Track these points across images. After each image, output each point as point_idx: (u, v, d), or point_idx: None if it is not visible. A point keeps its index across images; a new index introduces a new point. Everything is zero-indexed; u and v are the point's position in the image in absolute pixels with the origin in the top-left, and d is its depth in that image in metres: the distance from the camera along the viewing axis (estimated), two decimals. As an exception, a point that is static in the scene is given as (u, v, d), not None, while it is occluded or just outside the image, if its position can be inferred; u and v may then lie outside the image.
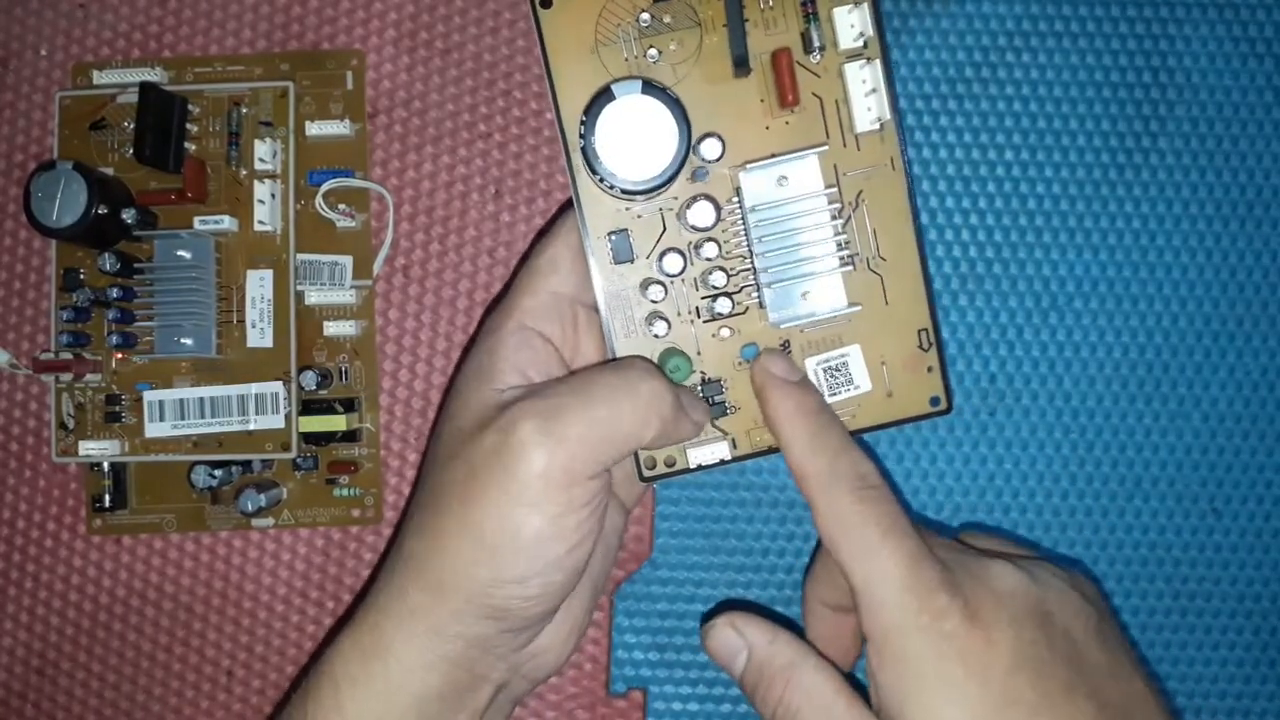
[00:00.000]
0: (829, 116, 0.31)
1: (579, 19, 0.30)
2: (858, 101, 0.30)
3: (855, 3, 0.30)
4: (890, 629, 0.27)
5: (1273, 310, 0.38)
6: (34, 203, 0.33)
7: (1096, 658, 0.28)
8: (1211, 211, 0.38)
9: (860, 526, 0.28)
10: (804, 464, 0.29)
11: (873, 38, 0.30)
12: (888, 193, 0.31)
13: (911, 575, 0.27)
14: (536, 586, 0.28)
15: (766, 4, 0.30)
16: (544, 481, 0.27)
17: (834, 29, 0.30)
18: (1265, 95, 0.38)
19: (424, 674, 0.28)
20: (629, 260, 0.31)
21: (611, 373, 0.29)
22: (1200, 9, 0.38)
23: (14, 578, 0.38)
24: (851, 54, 0.30)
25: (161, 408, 0.36)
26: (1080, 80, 0.38)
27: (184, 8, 0.38)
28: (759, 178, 0.30)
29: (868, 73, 0.30)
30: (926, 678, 0.27)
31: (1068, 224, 0.38)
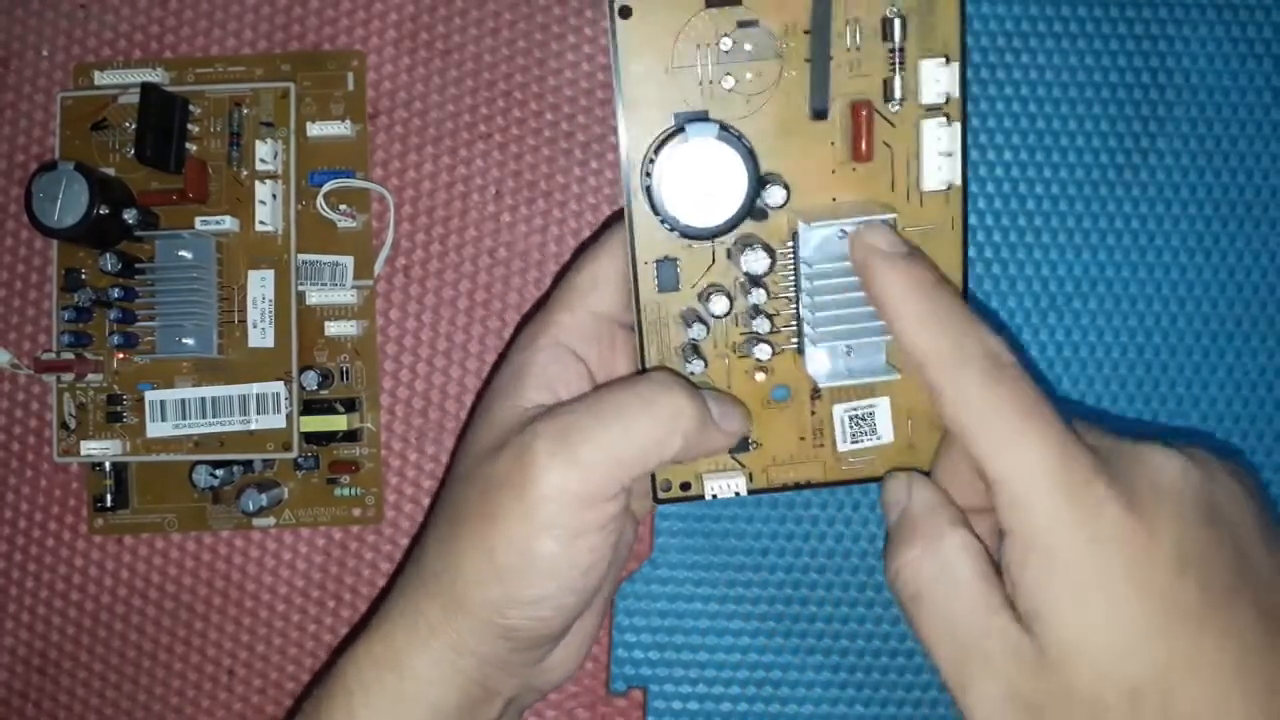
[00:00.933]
0: (897, 169, 0.30)
1: (659, 34, 0.29)
2: (929, 160, 0.29)
3: (946, 59, 0.29)
4: (1038, 524, 0.24)
5: (1272, 310, 0.38)
6: (35, 203, 0.33)
7: (1261, 558, 0.25)
8: (1211, 211, 0.38)
9: (996, 411, 0.25)
10: (924, 345, 0.26)
11: (956, 99, 0.29)
12: (943, 252, 0.30)
13: (1061, 463, 0.24)
14: (550, 608, 0.28)
15: (854, 44, 0.29)
16: (557, 505, 0.26)
17: (918, 80, 0.29)
18: (1265, 95, 0.38)
19: (438, 688, 0.28)
20: (674, 289, 0.30)
21: (627, 388, 0.28)
22: (1200, 9, 0.38)
23: (15, 577, 0.38)
24: (931, 109, 0.29)
25: (163, 407, 0.36)
26: (1080, 80, 0.38)
27: (185, 8, 0.38)
28: (820, 232, 0.29)
29: (945, 133, 0.29)
30: (1080, 579, 0.24)
31: (1067, 224, 0.38)
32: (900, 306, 0.27)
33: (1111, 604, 0.24)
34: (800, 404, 0.31)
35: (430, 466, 0.38)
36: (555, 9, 0.38)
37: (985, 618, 0.25)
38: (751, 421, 0.31)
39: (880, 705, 0.37)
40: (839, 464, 0.31)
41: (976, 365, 0.26)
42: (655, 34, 0.29)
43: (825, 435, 0.31)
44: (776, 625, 0.38)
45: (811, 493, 0.38)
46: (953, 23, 0.29)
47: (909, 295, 0.27)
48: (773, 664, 0.38)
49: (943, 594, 0.26)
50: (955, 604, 0.26)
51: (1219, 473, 0.26)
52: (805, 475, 0.31)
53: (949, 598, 0.26)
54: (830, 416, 0.31)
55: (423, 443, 0.38)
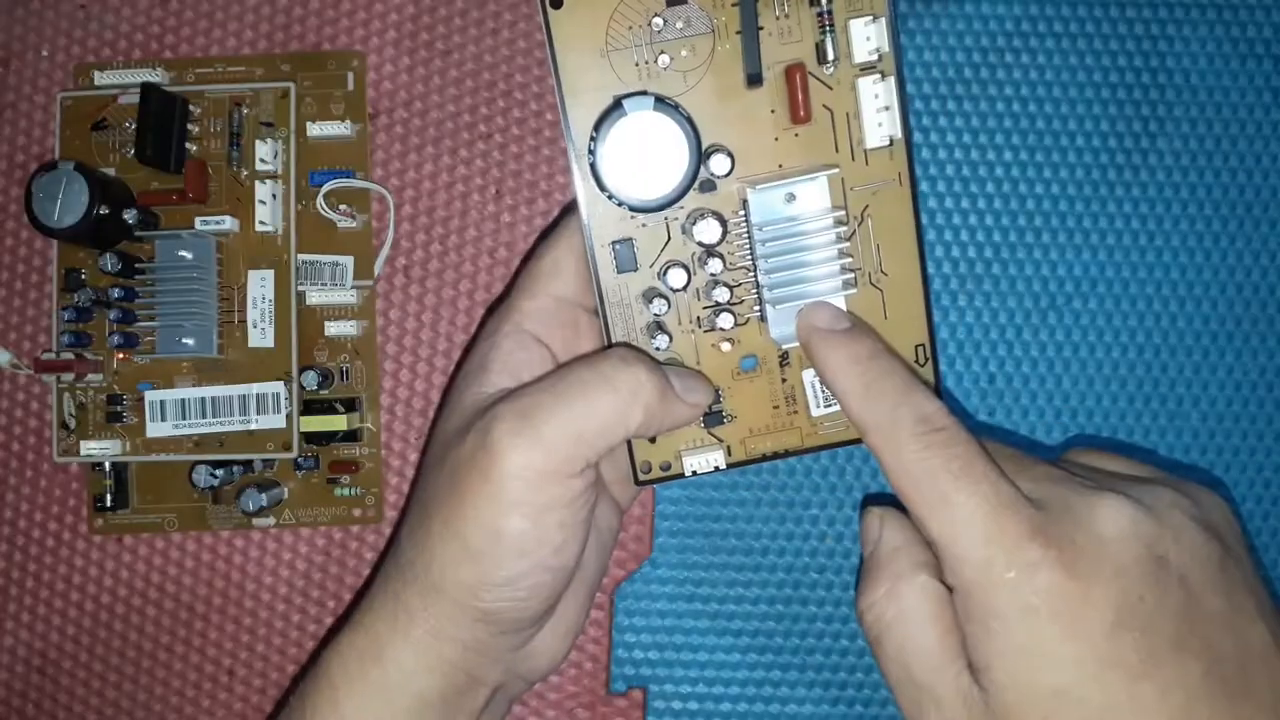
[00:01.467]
0: (839, 130, 0.30)
1: (590, 21, 0.29)
2: (869, 117, 0.30)
3: (873, 16, 0.29)
4: (975, 584, 0.25)
5: (1272, 310, 0.38)
6: (35, 203, 0.33)
7: (1212, 605, 0.25)
8: (1211, 211, 0.38)
9: (929, 475, 0.26)
10: (862, 416, 0.28)
11: (888, 53, 0.29)
12: (893, 208, 0.30)
13: (993, 524, 0.25)
14: (524, 589, 0.28)
15: (782, 12, 0.30)
16: (521, 482, 0.27)
17: (849, 41, 0.29)
18: (1265, 96, 0.38)
19: (421, 676, 0.28)
20: (632, 269, 0.30)
21: (586, 365, 0.28)
22: (1200, 9, 0.38)
23: (15, 577, 0.38)
24: (866, 67, 0.30)
25: (163, 407, 0.36)
26: (1080, 80, 0.38)
27: (185, 8, 0.38)
28: (767, 196, 0.30)
29: (881, 89, 0.30)
30: (1017, 637, 0.24)
31: (1067, 224, 0.38)
32: (840, 380, 0.28)
33: (1050, 663, 0.24)
34: (770, 372, 0.31)
35: (430, 466, 0.38)
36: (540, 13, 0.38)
37: (939, 663, 0.26)
38: (717, 393, 0.31)
39: (880, 705, 0.37)
40: (815, 429, 0.32)
41: (909, 430, 0.26)
42: (588, 20, 0.29)
43: (798, 401, 0.31)
44: (776, 625, 0.38)
45: (811, 492, 0.38)
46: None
47: (848, 369, 0.28)
48: (773, 664, 0.38)
49: (902, 636, 0.27)
50: (913, 647, 0.27)
51: (1175, 518, 0.26)
52: (783, 444, 0.32)
53: (908, 641, 0.27)
54: (801, 382, 0.31)
55: (423, 442, 0.38)
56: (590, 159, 0.29)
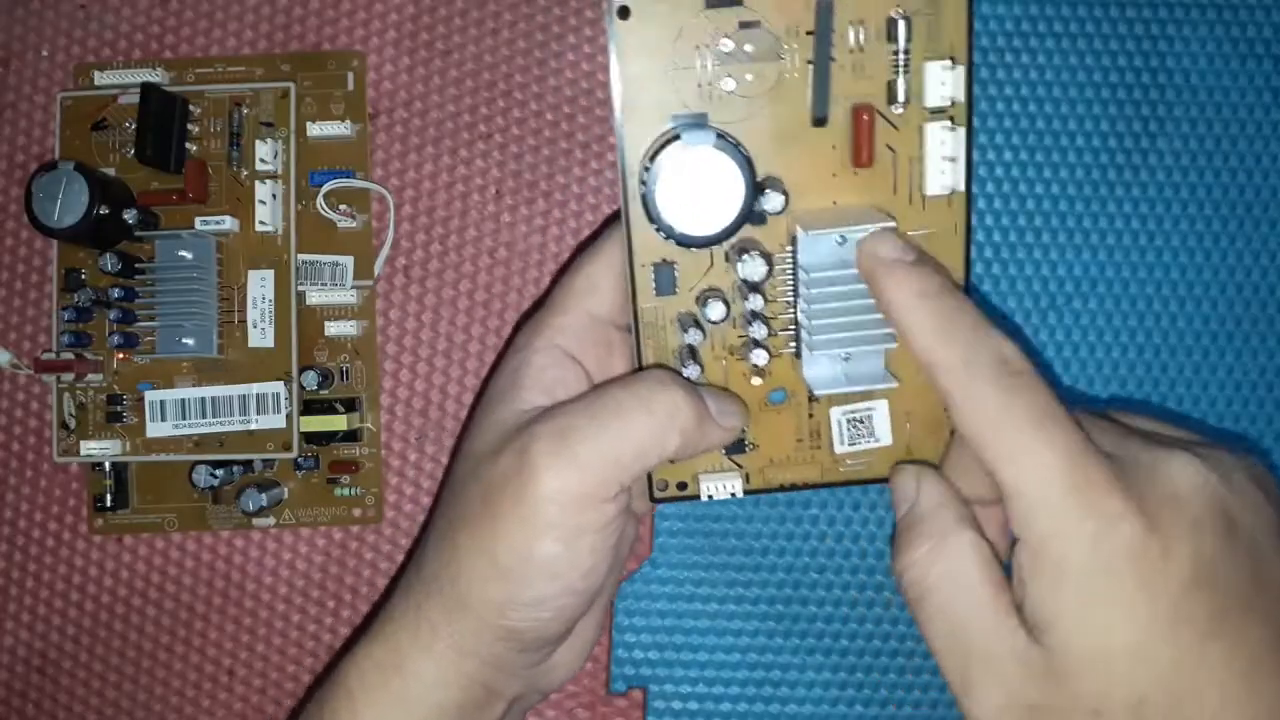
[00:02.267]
0: (900, 173, 0.29)
1: (657, 36, 0.28)
2: (932, 164, 0.28)
3: (951, 61, 0.28)
4: (1050, 535, 0.24)
5: (1272, 310, 0.38)
6: (35, 203, 0.33)
7: (1276, 567, 0.25)
8: (1211, 211, 0.38)
9: (1008, 419, 0.25)
10: (934, 353, 0.26)
11: (961, 103, 0.28)
12: (944, 258, 0.29)
13: (1075, 473, 0.24)
14: (551, 610, 0.27)
15: (858, 45, 0.28)
16: (557, 506, 0.26)
17: (922, 83, 0.28)
18: (1265, 96, 0.38)
19: (441, 690, 0.28)
20: (671, 294, 0.30)
21: (623, 387, 0.28)
22: (1200, 9, 0.38)
23: (15, 577, 0.38)
24: (935, 112, 0.28)
25: (163, 407, 0.36)
26: (1080, 80, 0.38)
27: (185, 8, 0.38)
28: (818, 240, 0.28)
29: (949, 137, 0.28)
30: (1091, 591, 0.24)
31: (1067, 224, 0.38)
32: (909, 315, 0.27)
33: (1122, 619, 0.24)
34: (798, 406, 0.31)
35: (430, 466, 0.38)
36: (555, 9, 0.38)
37: (992, 622, 0.25)
38: (749, 418, 0.31)
39: (880, 705, 0.37)
40: (836, 466, 0.31)
41: (988, 372, 0.25)
42: (654, 35, 0.28)
43: (823, 437, 0.31)
44: (776, 625, 0.38)
45: (811, 493, 0.38)
46: (960, 25, 0.28)
47: (917, 303, 0.27)
48: (773, 664, 0.38)
49: (949, 596, 0.26)
50: (961, 607, 0.26)
51: (1239, 480, 0.25)
52: (802, 476, 0.31)
53: (955, 600, 0.26)
54: (828, 419, 0.31)
55: (423, 443, 0.38)
56: (642, 188, 0.28)
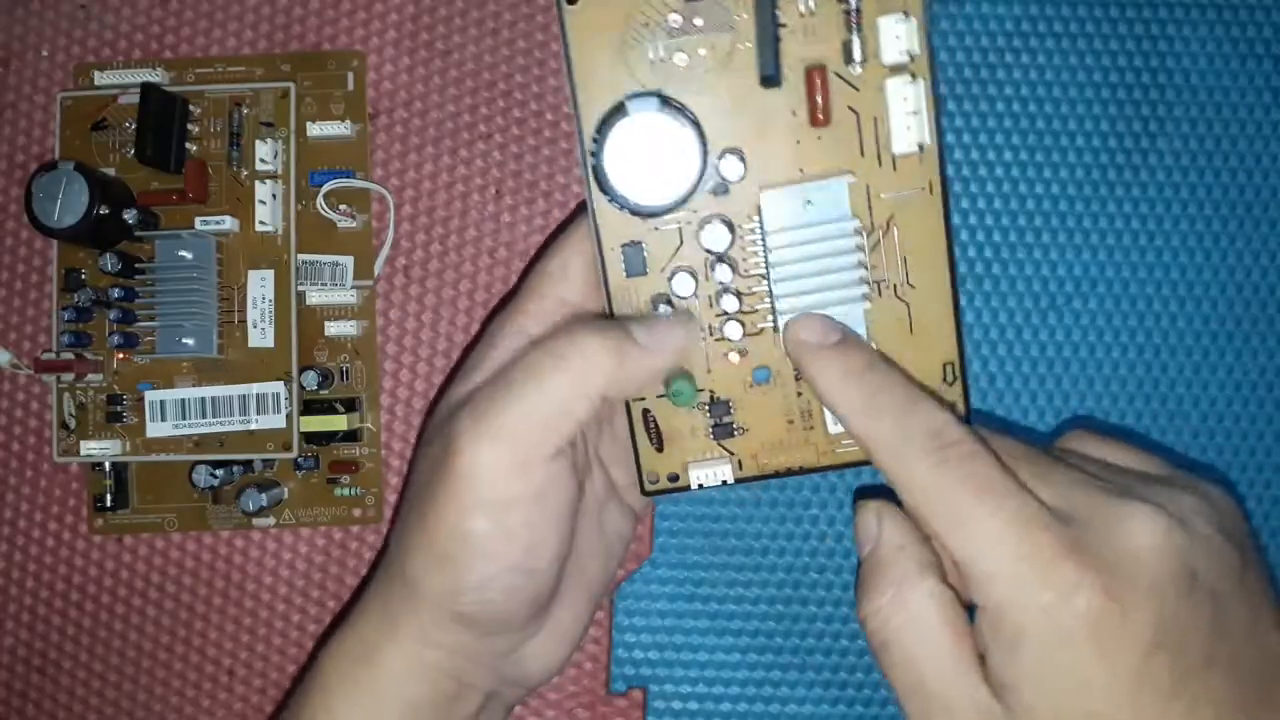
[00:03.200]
0: (865, 133, 0.28)
1: (606, 17, 0.28)
2: (897, 121, 0.28)
3: (905, 14, 0.27)
4: (1006, 605, 0.24)
5: (1272, 310, 0.38)
6: (35, 203, 0.33)
7: (1238, 615, 0.24)
8: (1211, 211, 0.38)
9: (948, 494, 0.24)
10: (867, 433, 0.26)
11: (920, 55, 0.28)
12: (922, 217, 0.29)
13: (1024, 543, 0.23)
14: (497, 591, 0.27)
15: (807, 8, 0.28)
16: (480, 480, 0.26)
17: (878, 40, 0.28)
18: (1265, 96, 0.38)
19: (409, 681, 0.28)
20: (641, 273, 0.29)
21: (540, 347, 0.27)
22: (1200, 9, 0.38)
23: (15, 577, 0.38)
24: (896, 68, 0.28)
25: (163, 407, 0.36)
26: (1080, 80, 0.38)
27: (185, 8, 0.38)
28: (781, 201, 0.28)
29: (911, 91, 0.28)
30: (1050, 660, 0.23)
31: (1067, 224, 0.38)
32: (837, 395, 0.27)
33: (1081, 687, 0.23)
34: (785, 385, 0.30)
35: (430, 466, 0.38)
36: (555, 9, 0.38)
37: (953, 674, 0.25)
38: (727, 405, 0.30)
39: (880, 705, 0.37)
40: (831, 447, 0.30)
41: (920, 446, 0.25)
42: (604, 17, 0.28)
43: (815, 418, 0.30)
44: (776, 625, 0.38)
45: (811, 492, 0.38)
46: None
47: (843, 383, 0.27)
48: (773, 664, 0.38)
49: (910, 645, 0.26)
50: (923, 656, 0.25)
51: (1200, 527, 0.25)
52: (797, 460, 0.30)
53: (916, 649, 0.25)
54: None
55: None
56: (594, 160, 0.28)
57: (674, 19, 0.28)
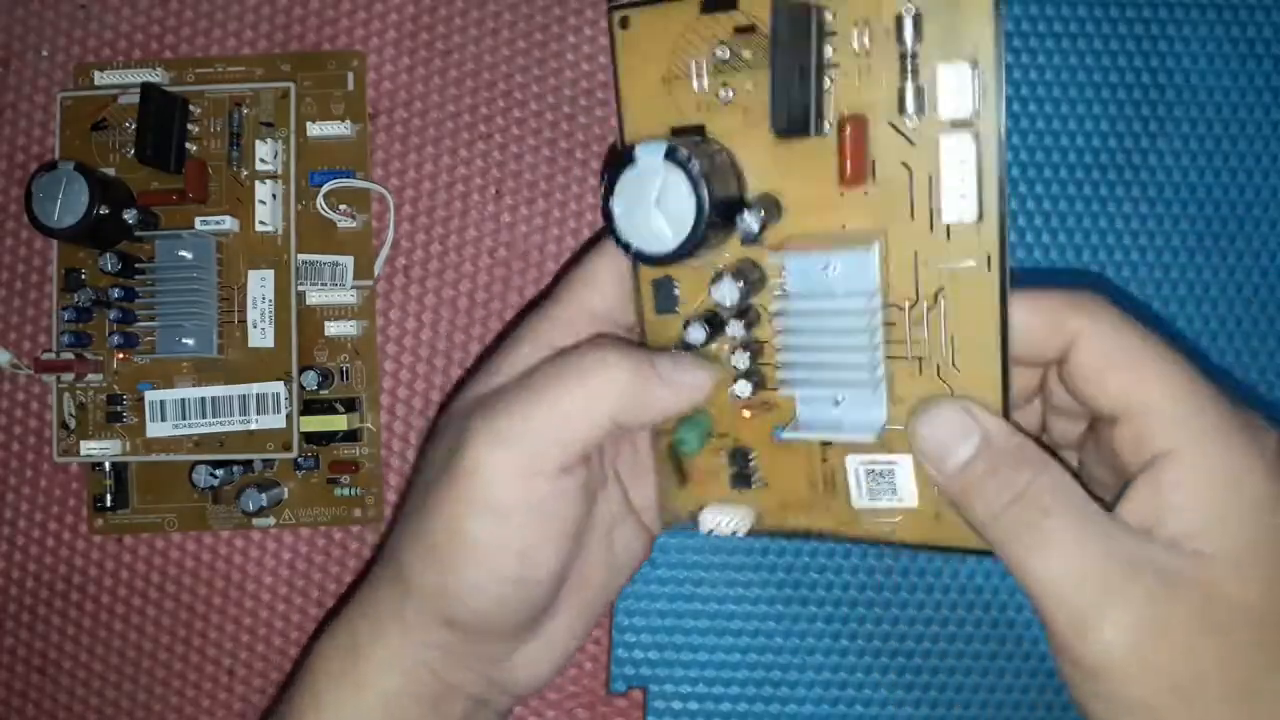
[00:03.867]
0: (918, 194, 0.25)
1: (656, 45, 0.26)
2: (950, 185, 0.25)
3: (973, 64, 0.24)
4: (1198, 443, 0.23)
5: (1272, 310, 0.38)
6: (35, 203, 0.33)
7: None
8: (1211, 211, 0.38)
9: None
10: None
11: (987, 111, 0.25)
12: (975, 294, 0.25)
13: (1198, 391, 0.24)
14: (487, 600, 0.27)
15: (863, 48, 0.25)
16: (484, 480, 0.26)
17: (935, 90, 0.24)
18: (1265, 95, 0.38)
19: (391, 675, 0.28)
20: (671, 311, 0.28)
21: (564, 357, 0.27)
22: (1200, 9, 0.38)
23: (15, 577, 0.38)
24: (957, 124, 0.25)
25: (163, 407, 0.36)
26: (1080, 80, 0.38)
27: (185, 8, 0.38)
28: (804, 262, 0.26)
29: (970, 151, 0.24)
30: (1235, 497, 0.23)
31: (1067, 224, 0.38)
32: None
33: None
34: (810, 447, 0.28)
35: (430, 466, 0.38)
36: (555, 9, 0.38)
37: (1127, 538, 0.23)
38: (747, 456, 0.28)
39: (880, 705, 0.37)
40: (856, 519, 0.28)
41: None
42: (653, 46, 0.27)
43: (838, 487, 0.28)
44: (776, 625, 0.38)
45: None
46: (984, 22, 0.25)
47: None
48: (773, 664, 0.38)
49: (1074, 515, 0.24)
50: (1089, 524, 0.24)
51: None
52: (817, 523, 0.28)
53: (1084, 514, 0.24)
54: (843, 466, 0.27)
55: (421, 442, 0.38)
56: (604, 205, 0.26)
57: (721, 51, 0.26)
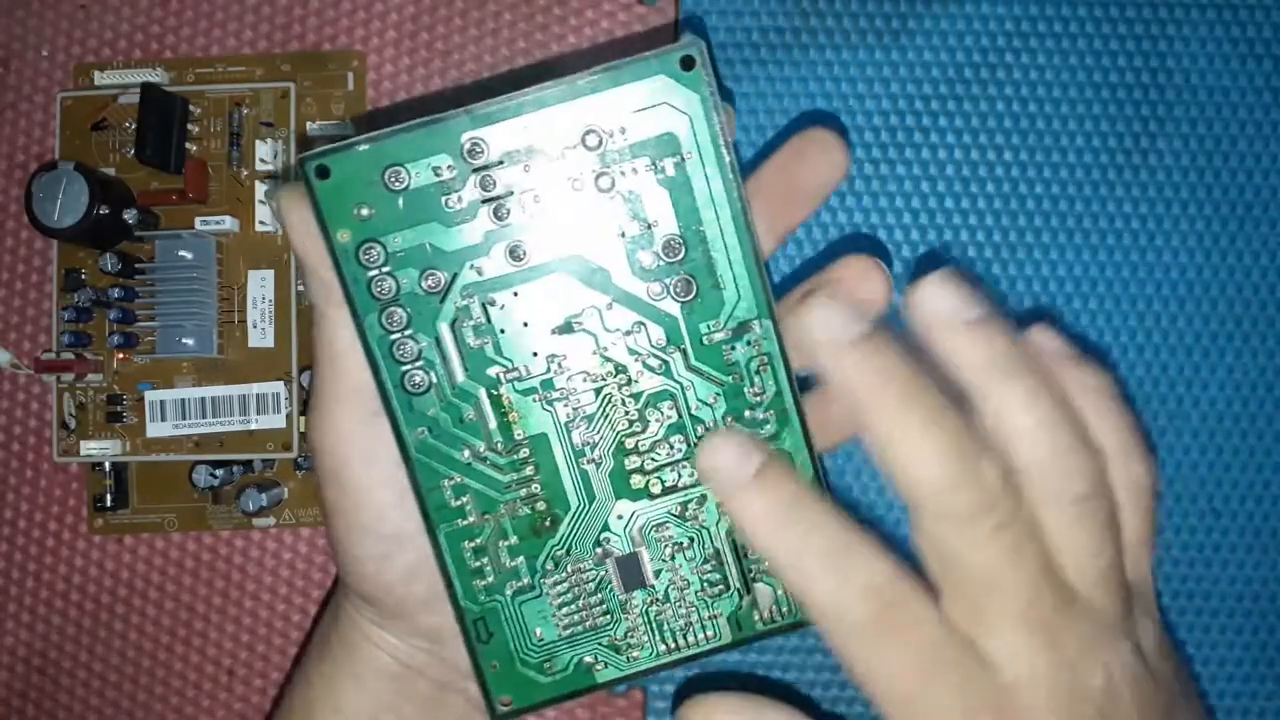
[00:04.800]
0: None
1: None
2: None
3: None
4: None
5: (1272, 310, 0.38)
6: (35, 203, 0.33)
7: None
8: (1211, 211, 0.38)
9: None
10: (796, 585, 0.23)
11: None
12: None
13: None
14: (368, 565, 0.27)
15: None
16: (321, 453, 0.26)
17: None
18: (1265, 95, 0.38)
19: (355, 649, 0.29)
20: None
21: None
22: (1200, 9, 0.38)
23: (15, 577, 0.38)
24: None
25: (163, 407, 0.36)
26: (1080, 80, 0.38)
27: (185, 8, 0.38)
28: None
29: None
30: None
31: (1067, 224, 0.38)
32: (761, 542, 0.23)
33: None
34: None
35: (430, 466, 0.38)
36: (555, 9, 0.38)
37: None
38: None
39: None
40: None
41: (858, 611, 0.22)
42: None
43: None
44: (776, 625, 0.38)
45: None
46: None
47: (768, 526, 0.22)
48: (773, 664, 0.38)
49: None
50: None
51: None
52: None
53: None
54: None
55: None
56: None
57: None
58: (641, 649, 0.25)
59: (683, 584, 0.25)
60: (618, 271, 0.23)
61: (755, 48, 0.38)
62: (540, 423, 0.24)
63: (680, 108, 0.23)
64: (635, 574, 0.25)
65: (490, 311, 0.23)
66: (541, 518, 0.24)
